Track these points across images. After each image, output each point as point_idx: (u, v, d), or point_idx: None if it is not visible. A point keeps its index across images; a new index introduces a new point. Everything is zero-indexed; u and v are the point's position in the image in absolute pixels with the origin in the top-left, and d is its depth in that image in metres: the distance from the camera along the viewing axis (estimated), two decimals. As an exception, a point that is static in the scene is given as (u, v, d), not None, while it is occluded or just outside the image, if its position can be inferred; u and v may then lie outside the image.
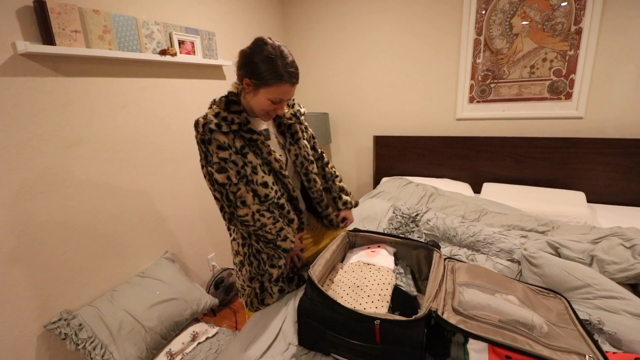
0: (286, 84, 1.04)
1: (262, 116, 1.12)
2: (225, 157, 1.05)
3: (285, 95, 1.06)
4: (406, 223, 1.82)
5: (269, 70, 1.02)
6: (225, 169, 1.06)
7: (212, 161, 1.05)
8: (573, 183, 2.22)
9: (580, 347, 0.81)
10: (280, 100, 1.07)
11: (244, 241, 1.20)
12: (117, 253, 1.70)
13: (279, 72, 1.01)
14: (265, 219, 1.12)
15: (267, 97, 1.05)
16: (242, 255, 1.22)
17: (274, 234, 1.13)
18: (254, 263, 1.20)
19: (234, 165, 1.07)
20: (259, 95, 1.06)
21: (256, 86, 1.05)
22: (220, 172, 1.06)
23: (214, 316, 2.13)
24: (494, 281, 1.07)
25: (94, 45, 1.47)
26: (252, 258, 1.20)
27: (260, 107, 1.08)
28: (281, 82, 1.02)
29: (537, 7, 2.12)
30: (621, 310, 0.98)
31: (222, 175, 1.06)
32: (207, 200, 2.19)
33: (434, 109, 2.58)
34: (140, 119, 1.77)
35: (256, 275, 1.21)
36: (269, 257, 1.19)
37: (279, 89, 1.04)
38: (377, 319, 0.88)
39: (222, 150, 1.04)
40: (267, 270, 1.20)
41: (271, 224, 1.12)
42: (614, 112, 2.09)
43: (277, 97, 1.05)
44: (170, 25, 1.82)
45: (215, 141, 1.04)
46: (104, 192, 1.62)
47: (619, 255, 1.15)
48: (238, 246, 1.23)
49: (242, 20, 2.43)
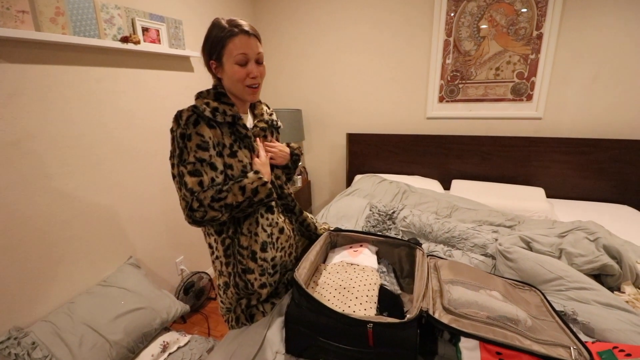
0: (237, 36, 0.95)
1: (244, 93, 1.02)
2: (204, 159, 0.95)
3: (246, 49, 0.96)
4: (383, 220, 1.83)
5: (218, 35, 0.96)
6: (199, 172, 0.94)
7: (187, 160, 0.94)
8: (533, 179, 2.37)
9: (563, 339, 0.84)
10: (246, 59, 0.97)
11: (227, 260, 1.08)
12: (73, 261, 1.54)
13: (226, 28, 0.95)
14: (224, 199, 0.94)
15: (232, 63, 0.97)
16: (227, 275, 1.10)
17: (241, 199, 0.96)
18: (239, 284, 1.08)
19: (210, 169, 0.96)
20: (226, 67, 0.98)
21: (218, 59, 0.98)
22: (193, 174, 0.94)
23: (183, 323, 2.01)
24: (475, 277, 1.10)
25: (45, 29, 1.30)
26: (238, 279, 1.07)
27: (234, 80, 0.99)
28: (232, 37, 0.95)
29: (502, 11, 2.22)
30: (592, 301, 1.04)
31: (194, 179, 0.93)
32: (174, 200, 2.05)
33: (405, 108, 2.63)
34: (99, 112, 1.61)
35: (244, 295, 1.10)
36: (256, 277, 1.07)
37: (234, 44, 0.95)
38: (369, 323, 0.86)
39: (202, 150, 0.94)
40: (255, 291, 1.09)
41: (231, 196, 0.95)
42: (569, 114, 2.25)
43: (238, 54, 0.96)
44: (133, 10, 1.67)
45: (196, 138, 0.94)
46: (57, 193, 1.46)
47: (584, 248, 1.23)
48: (221, 265, 1.10)
49: (210, 9, 2.30)
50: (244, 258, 1.06)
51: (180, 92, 2.08)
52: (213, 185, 0.97)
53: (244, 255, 1.06)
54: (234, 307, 1.14)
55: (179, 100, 2.07)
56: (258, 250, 1.06)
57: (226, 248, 1.08)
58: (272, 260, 1.11)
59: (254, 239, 1.06)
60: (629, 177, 2.15)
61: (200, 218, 0.95)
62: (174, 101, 2.04)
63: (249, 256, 1.06)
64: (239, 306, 1.12)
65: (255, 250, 1.06)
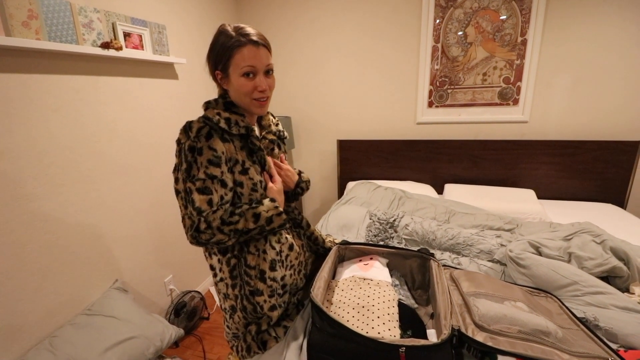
0: (245, 47, 0.88)
1: (252, 106, 0.95)
2: (215, 175, 0.87)
3: (254, 61, 0.90)
4: (384, 229, 1.79)
5: (225, 44, 0.89)
6: (209, 190, 0.86)
7: (197, 176, 0.86)
8: (522, 181, 2.42)
9: (595, 350, 0.83)
10: (253, 71, 0.91)
11: (234, 282, 0.99)
12: (53, 289, 1.38)
13: (233, 37, 0.89)
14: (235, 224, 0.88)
15: (238, 75, 0.90)
16: (233, 298, 1.01)
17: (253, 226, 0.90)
18: (248, 308, 0.99)
19: (220, 186, 0.89)
20: (232, 79, 0.92)
21: (224, 70, 0.92)
22: (202, 192, 0.86)
23: (176, 347, 1.87)
24: (496, 288, 1.07)
25: (17, 34, 1.17)
26: (246, 302, 0.98)
27: (241, 93, 0.92)
28: (240, 47, 0.88)
29: (488, 18, 2.26)
30: (609, 305, 1.04)
31: (203, 197, 0.86)
32: (160, 216, 1.92)
33: (395, 113, 2.62)
34: (79, 124, 1.47)
35: (253, 320, 1.02)
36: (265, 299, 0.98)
37: (242, 56, 0.88)
38: (402, 347, 0.80)
39: (214, 166, 0.86)
40: (265, 314, 1.00)
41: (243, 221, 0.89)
42: (553, 117, 2.32)
43: (245, 65, 0.89)
44: (114, 14, 1.55)
45: (208, 152, 0.85)
46: (32, 215, 1.31)
47: (593, 251, 1.24)
48: (227, 288, 1.02)
49: (194, 14, 2.19)
50: (251, 279, 0.98)
51: (164, 101, 1.96)
52: (222, 204, 0.89)
53: (251, 276, 0.98)
54: (243, 334, 1.05)
55: (164, 109, 1.95)
56: (267, 270, 0.98)
57: (232, 269, 1.00)
58: (282, 279, 1.03)
59: (262, 257, 0.98)
60: (611, 177, 2.23)
61: (205, 240, 0.87)
62: (159, 111, 1.91)
63: (257, 276, 0.98)
64: (248, 333, 1.03)
65: (264, 270, 0.98)
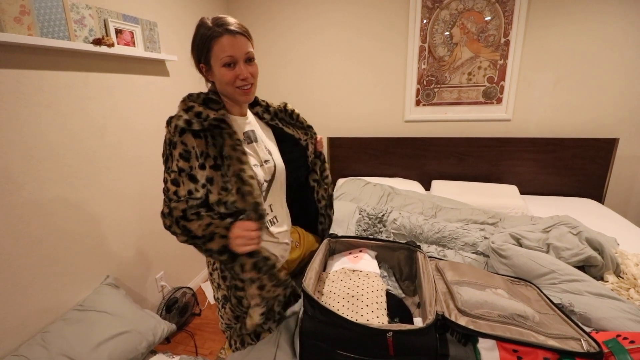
0: (223, 37, 0.90)
1: (236, 94, 0.96)
2: (183, 169, 0.90)
3: (232, 50, 0.91)
4: (373, 224, 1.84)
5: (204, 36, 0.92)
6: (177, 182, 0.91)
7: (171, 168, 0.92)
8: (505, 177, 2.50)
9: (570, 332, 0.89)
10: (233, 60, 0.92)
11: (223, 273, 1.03)
12: (45, 285, 1.39)
13: (211, 28, 0.91)
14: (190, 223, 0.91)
15: (219, 65, 0.93)
16: (225, 289, 1.05)
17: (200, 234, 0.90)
18: (233, 301, 1.04)
19: (189, 181, 0.91)
20: (215, 70, 0.95)
21: (207, 62, 0.95)
22: (173, 183, 0.92)
23: (167, 343, 1.89)
24: (478, 276, 1.13)
25: (9, 29, 1.17)
26: (232, 295, 1.04)
27: (223, 83, 0.94)
28: (217, 37, 0.90)
29: (473, 19, 2.33)
30: (584, 292, 1.11)
31: (173, 187, 0.92)
32: (151, 212, 1.93)
33: (384, 111, 2.67)
34: (70, 120, 1.47)
35: (241, 313, 1.05)
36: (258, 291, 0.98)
37: (220, 46, 0.91)
38: (389, 331, 0.85)
39: (184, 160, 0.90)
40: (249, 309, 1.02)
41: (197, 225, 0.90)
42: (534, 115, 2.41)
43: (224, 56, 0.91)
44: (105, 11, 1.55)
45: (180, 147, 0.89)
46: (23, 210, 1.31)
47: (569, 242, 1.31)
48: (219, 278, 1.05)
49: (186, 11, 2.20)
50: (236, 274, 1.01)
51: (155, 97, 1.96)
52: (190, 198, 0.92)
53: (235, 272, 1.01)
54: (238, 326, 1.08)
55: (155, 106, 1.95)
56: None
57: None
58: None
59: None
60: (590, 173, 2.33)
61: (167, 227, 0.95)
62: (149, 107, 1.92)
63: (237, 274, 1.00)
64: (242, 325, 1.06)
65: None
